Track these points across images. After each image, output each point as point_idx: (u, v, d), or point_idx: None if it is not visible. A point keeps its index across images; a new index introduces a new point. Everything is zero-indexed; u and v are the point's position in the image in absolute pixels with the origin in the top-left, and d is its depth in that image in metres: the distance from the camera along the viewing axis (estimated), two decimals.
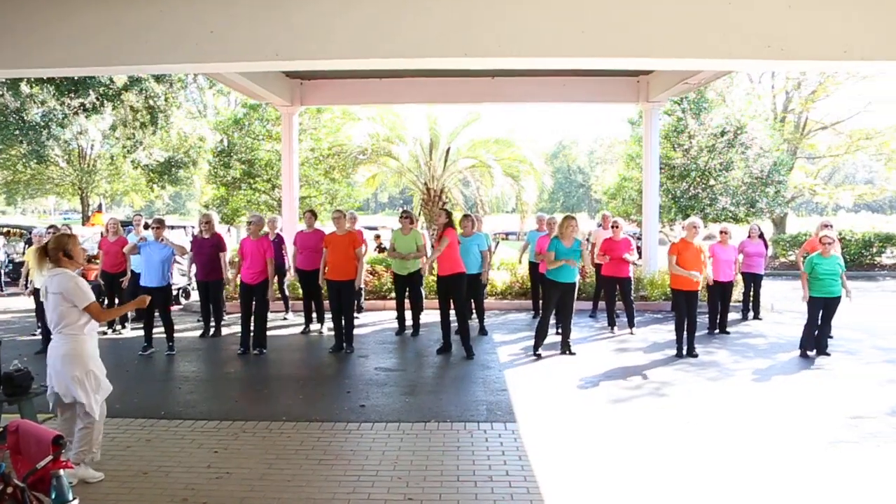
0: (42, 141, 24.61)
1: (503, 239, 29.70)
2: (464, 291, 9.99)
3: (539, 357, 9.76)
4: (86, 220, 28.45)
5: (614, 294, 11.83)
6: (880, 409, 7.28)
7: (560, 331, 10.90)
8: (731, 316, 12.06)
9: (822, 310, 9.75)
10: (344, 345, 10.22)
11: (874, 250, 24.01)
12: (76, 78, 23.02)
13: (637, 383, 8.43)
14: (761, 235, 12.69)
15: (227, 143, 24.51)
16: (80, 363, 5.24)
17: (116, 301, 12.02)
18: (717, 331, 11.60)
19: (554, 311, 10.44)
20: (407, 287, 11.54)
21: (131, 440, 6.35)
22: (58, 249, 5.28)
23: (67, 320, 5.22)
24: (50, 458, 3.56)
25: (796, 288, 10.11)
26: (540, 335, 10.00)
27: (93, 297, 5.32)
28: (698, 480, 5.34)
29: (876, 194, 36.93)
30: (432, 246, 10.37)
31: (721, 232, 11.65)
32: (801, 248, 11.83)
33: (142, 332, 10.42)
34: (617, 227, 11.61)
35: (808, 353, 9.83)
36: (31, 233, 16.97)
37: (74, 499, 3.49)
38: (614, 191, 27.02)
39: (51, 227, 11.39)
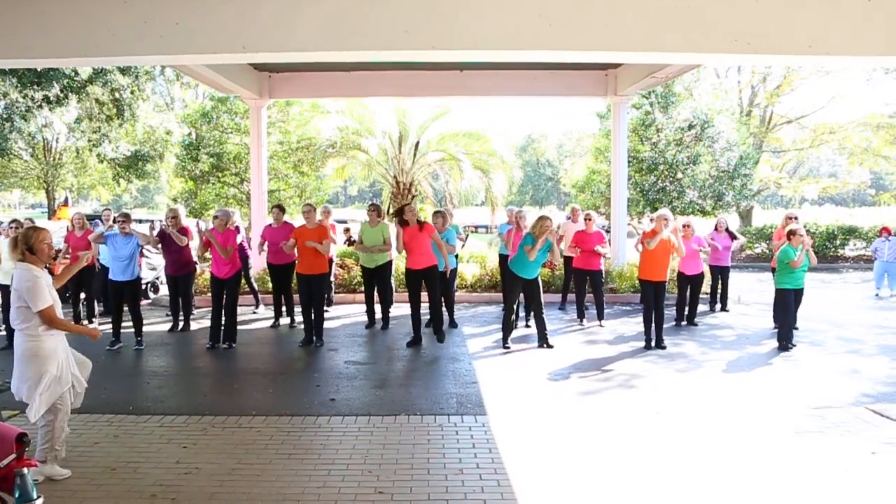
0: (5, 134, 24.20)
1: (472, 231, 29.78)
2: (438, 282, 10.00)
3: (508, 350, 9.79)
4: (52, 214, 28.07)
5: (584, 286, 11.89)
6: (844, 400, 7.41)
7: (528, 324, 10.99)
8: (699, 308, 12.17)
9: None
10: (314, 338, 10.19)
11: (837, 242, 24.42)
12: (39, 70, 22.65)
13: (606, 375, 8.49)
14: (728, 229, 12.80)
15: (195, 136, 24.24)
16: (36, 364, 5.10)
17: (83, 295, 11.91)
18: (684, 322, 11.72)
19: (523, 305, 10.47)
20: (375, 280, 11.53)
21: (99, 436, 6.28)
22: (23, 243, 5.15)
23: (23, 318, 5.10)
24: (13, 456, 3.51)
25: (762, 280, 10.27)
26: (506, 328, 10.05)
27: (48, 302, 5.10)
28: (667, 471, 5.40)
29: (839, 188, 37.55)
30: (397, 238, 10.33)
31: (684, 226, 11.68)
32: (774, 239, 11.95)
33: (110, 327, 10.32)
34: (590, 219, 11.67)
35: (788, 344, 9.92)
36: None
37: (39, 497, 3.43)
38: (583, 184, 27.10)
39: (13, 221, 11.20)
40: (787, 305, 9.90)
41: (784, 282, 9.84)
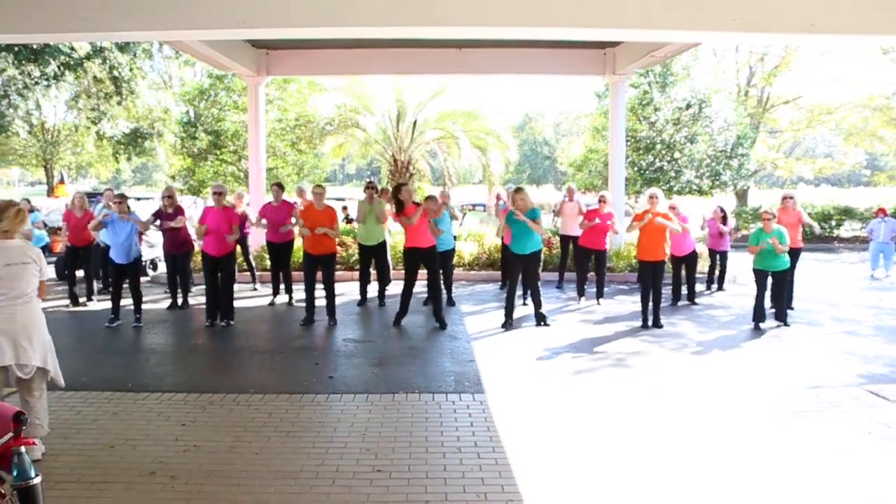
0: (2, 111, 24.10)
1: (470, 210, 29.77)
2: (437, 264, 10.01)
3: (508, 328, 9.79)
4: (50, 191, 28.07)
5: (587, 265, 11.89)
6: (840, 380, 7.42)
7: (525, 302, 10.99)
8: (696, 288, 12.18)
9: (770, 282, 9.92)
10: (328, 318, 10.10)
11: (833, 223, 24.33)
12: (35, 46, 22.52)
13: (603, 354, 8.50)
14: (724, 218, 12.74)
15: (192, 113, 24.17)
16: (46, 330, 5.31)
17: (82, 273, 11.88)
18: (681, 302, 11.73)
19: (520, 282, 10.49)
20: (373, 257, 11.54)
21: (98, 413, 6.29)
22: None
23: (34, 286, 5.26)
24: (11, 434, 3.48)
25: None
26: (509, 307, 10.03)
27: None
28: (664, 450, 5.41)
29: (835, 168, 37.42)
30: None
31: (670, 207, 11.63)
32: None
33: (108, 304, 10.31)
34: (604, 201, 11.64)
35: (760, 325, 9.96)
36: None
37: (37, 475, 3.42)
38: (580, 163, 27.13)
39: (23, 200, 11.16)
40: (758, 284, 9.97)
41: (755, 261, 9.96)
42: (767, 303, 10.35)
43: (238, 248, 12.81)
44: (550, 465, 5.13)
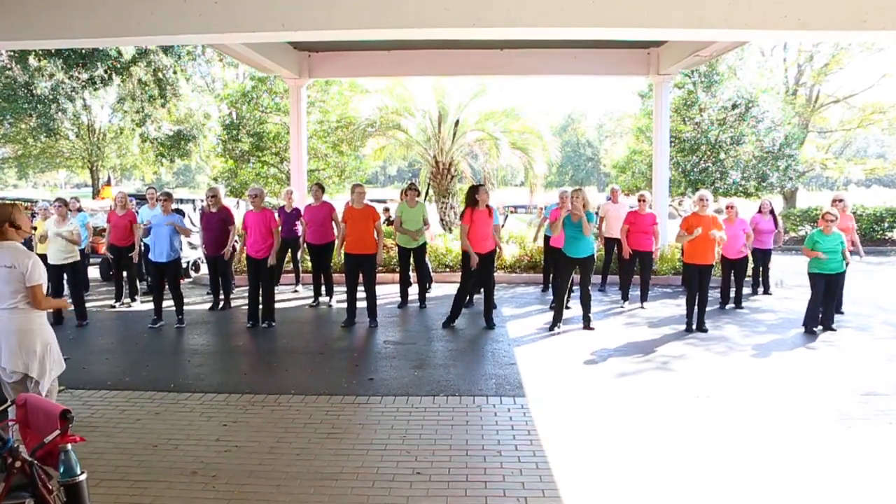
0: (51, 114, 24.58)
1: (512, 212, 29.66)
2: (493, 267, 10.02)
3: (552, 332, 9.67)
4: (96, 193, 28.56)
5: (632, 268, 11.76)
6: (891, 386, 7.21)
7: (568, 305, 10.89)
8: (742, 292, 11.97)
9: (825, 286, 9.68)
10: (369, 319, 10.10)
11: (885, 225, 23.75)
12: (84, 51, 22.97)
13: (647, 358, 8.37)
14: (772, 212, 12.52)
15: (235, 115, 24.39)
16: (40, 336, 5.25)
17: (125, 274, 12.03)
18: (728, 306, 11.54)
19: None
20: (413, 260, 11.54)
21: (141, 413, 6.36)
22: (6, 220, 5.08)
23: (18, 292, 5.10)
24: (58, 432, 3.52)
25: (805, 263, 9.99)
26: (558, 311, 9.92)
27: (45, 278, 5.20)
28: (708, 456, 5.31)
29: (888, 168, 36.61)
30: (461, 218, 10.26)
31: (727, 207, 11.46)
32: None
33: (151, 305, 10.43)
34: (643, 200, 11.54)
35: (814, 329, 9.75)
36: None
37: (83, 473, 3.46)
38: (624, 164, 26.89)
39: (57, 200, 11.33)
40: (813, 288, 9.73)
41: (813, 266, 9.70)
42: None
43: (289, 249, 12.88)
44: (592, 469, 5.06)
